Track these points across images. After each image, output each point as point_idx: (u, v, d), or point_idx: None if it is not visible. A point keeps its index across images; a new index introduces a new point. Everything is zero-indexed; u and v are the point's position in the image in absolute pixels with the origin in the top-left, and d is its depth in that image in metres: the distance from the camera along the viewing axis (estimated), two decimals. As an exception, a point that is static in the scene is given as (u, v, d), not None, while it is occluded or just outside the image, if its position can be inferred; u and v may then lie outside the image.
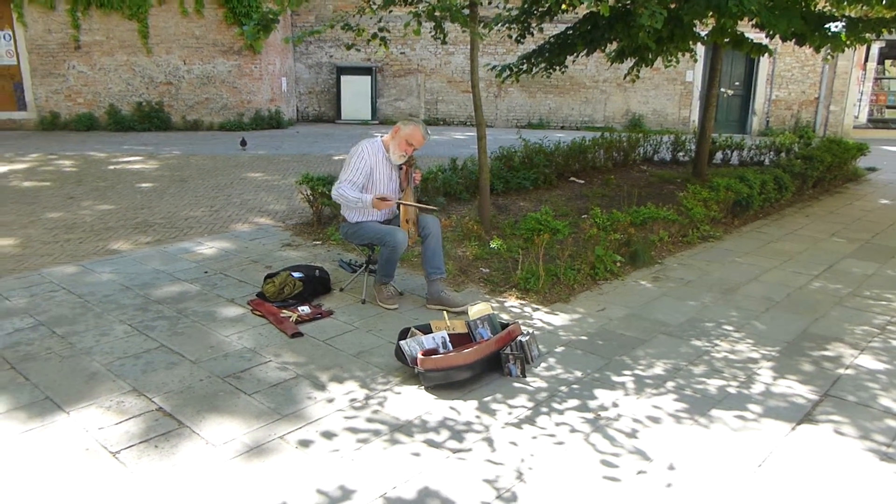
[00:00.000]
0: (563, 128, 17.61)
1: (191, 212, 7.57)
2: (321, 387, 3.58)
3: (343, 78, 17.29)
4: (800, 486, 2.79)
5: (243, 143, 12.31)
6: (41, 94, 15.21)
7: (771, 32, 7.52)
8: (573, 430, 3.19)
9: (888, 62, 17.91)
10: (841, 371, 3.90)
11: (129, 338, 4.14)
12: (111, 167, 10.36)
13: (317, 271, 5.07)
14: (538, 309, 4.77)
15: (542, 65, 8.95)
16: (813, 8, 8.32)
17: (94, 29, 14.97)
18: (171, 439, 3.05)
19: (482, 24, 6.66)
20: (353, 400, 3.45)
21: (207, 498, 2.64)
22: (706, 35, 8.28)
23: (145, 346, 4.03)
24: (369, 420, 3.26)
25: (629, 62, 9.40)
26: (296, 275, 4.88)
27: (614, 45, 8.90)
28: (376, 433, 3.14)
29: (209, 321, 4.43)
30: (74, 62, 15.11)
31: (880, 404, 3.51)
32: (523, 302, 4.89)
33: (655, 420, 3.30)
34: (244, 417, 3.25)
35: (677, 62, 9.33)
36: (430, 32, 6.67)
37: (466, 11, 6.17)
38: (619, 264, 5.57)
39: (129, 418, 3.22)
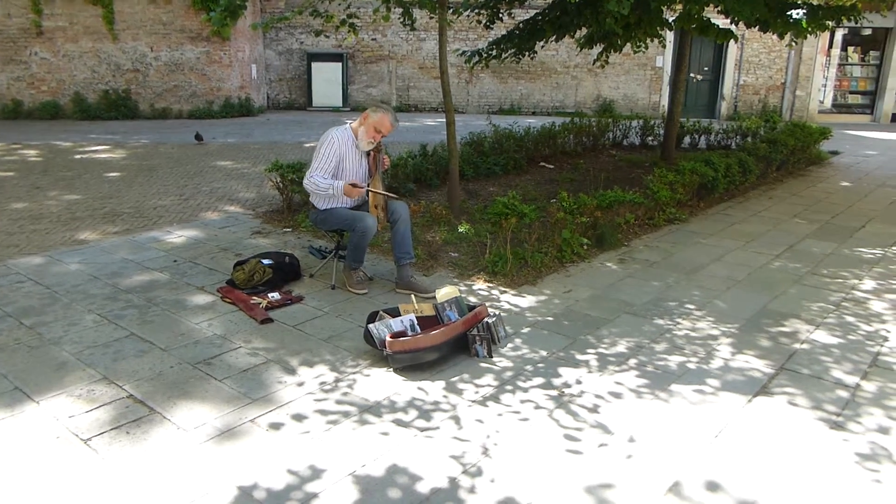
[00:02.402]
0: (534, 113, 17.71)
1: (159, 201, 7.53)
2: (291, 371, 3.63)
3: (314, 65, 17.18)
4: (754, 455, 2.92)
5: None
6: (2, 81, 14.88)
7: (735, 19, 7.66)
8: (537, 407, 3.28)
9: (851, 49, 18.26)
10: (797, 346, 4.04)
11: (98, 327, 4.14)
12: (77, 156, 10.22)
13: (286, 258, 5.09)
14: (506, 291, 4.85)
15: (512, 50, 9.01)
16: (776, -6, 8.47)
17: (56, 14, 14.67)
18: (142, 425, 3.09)
19: (450, 10, 6.69)
20: (322, 383, 3.50)
21: (179, 481, 2.69)
22: (673, 21, 8.40)
23: (115, 334, 4.04)
24: (339, 402, 3.32)
25: (598, 48, 9.50)
26: (265, 262, 4.91)
27: (583, 31, 8.98)
28: (346, 414, 3.20)
29: (179, 309, 4.45)
30: (37, 48, 14.81)
31: (832, 376, 3.66)
32: (491, 285, 4.97)
33: (617, 395, 3.41)
34: (215, 402, 3.29)
35: (646, 48, 9.44)
36: (400, 18, 6.68)
37: (434, -3, 6.19)
38: (585, 247, 5.67)
39: (100, 406, 3.24)
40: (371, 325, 3.79)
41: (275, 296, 4.60)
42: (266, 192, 7.85)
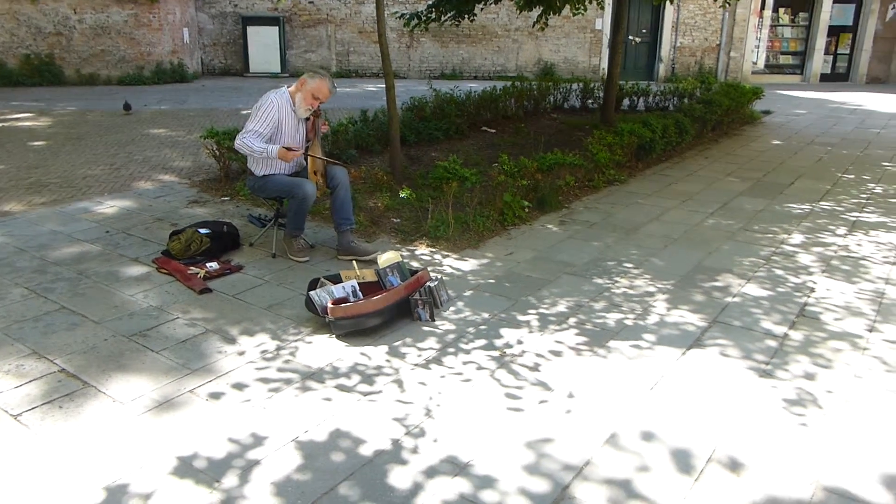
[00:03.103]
0: (476, 78, 17.62)
1: (89, 170, 7.24)
2: (231, 340, 3.57)
3: (249, 29, 16.67)
4: (687, 404, 3.03)
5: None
6: (-87, 47, 13.98)
7: (670, -21, 7.73)
8: (479, 368, 3.32)
9: (781, 10, 18.70)
10: (729, 299, 4.19)
11: (26, 301, 3.98)
12: (-1, 126, 9.73)
13: (225, 227, 4.98)
14: (448, 256, 4.86)
15: (452, 13, 8.91)
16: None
17: (-32, -26, 13.80)
18: (75, 399, 3.00)
19: (386, -30, 6.54)
20: (263, 352, 3.46)
21: (116, 452, 2.63)
22: (610, -18, 8.42)
23: (44, 308, 3.90)
24: (280, 370, 3.29)
25: (538, 10, 9.46)
26: (203, 231, 4.79)
27: (522, -7, 8.93)
28: (287, 382, 3.18)
29: (112, 281, 4.31)
30: (-51, 12, 13.94)
31: (762, 327, 3.81)
32: (433, 250, 4.97)
33: (557, 354, 3.48)
34: (152, 374, 3.22)
35: (585, 10, 9.45)
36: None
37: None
38: (526, 210, 5.72)
39: (31, 381, 3.13)
40: (312, 293, 3.76)
41: (213, 265, 4.50)
42: (202, 160, 7.63)
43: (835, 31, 18.64)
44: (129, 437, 2.74)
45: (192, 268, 4.45)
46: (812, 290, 4.38)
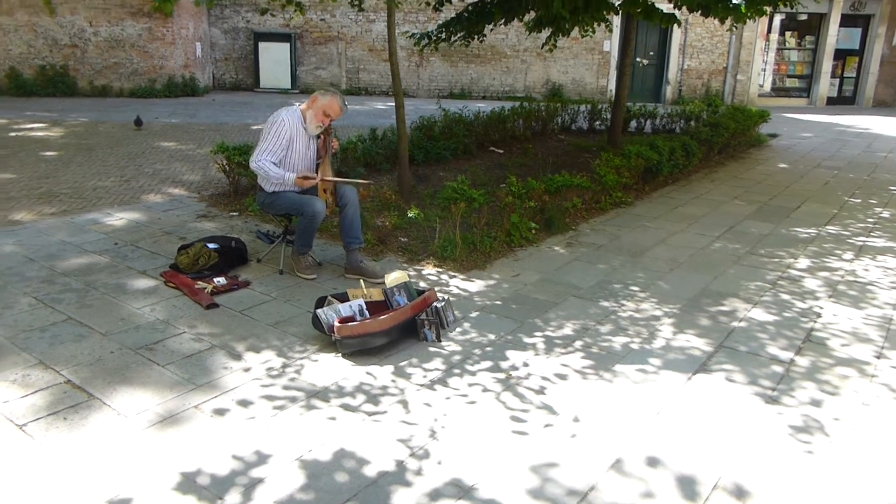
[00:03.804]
0: (484, 97, 17.72)
1: (99, 182, 7.29)
2: (237, 356, 3.58)
3: (261, 44, 16.83)
4: (693, 430, 3.01)
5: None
6: (-70, 57, 14.16)
7: (679, 3, 7.79)
8: (485, 390, 3.32)
9: (788, 33, 18.80)
10: (735, 324, 4.18)
11: (34, 311, 4.00)
12: (12, 134, 9.81)
13: (233, 242, 5.01)
14: (455, 276, 4.87)
15: (461, 33, 8.98)
16: (718, -20, 8.63)
17: (-12, -13, 14.01)
18: (80, 411, 3.01)
19: (398, -9, 6.61)
20: (269, 369, 3.47)
21: (120, 466, 2.63)
22: (619, 5, 8.49)
23: (52, 318, 3.92)
24: (286, 387, 3.29)
25: (547, 32, 9.53)
26: (211, 245, 4.81)
27: (532, 15, 9.00)
28: (293, 400, 3.18)
29: (120, 293, 4.33)
30: (-33, 23, 14.12)
31: (768, 352, 3.80)
32: (440, 270, 4.98)
33: (563, 377, 3.47)
34: (157, 388, 3.23)
35: (593, 32, 9.52)
36: (347, -2, 6.58)
37: (382, -23, 6.11)
38: (533, 231, 5.73)
39: (36, 391, 3.15)
40: (319, 310, 3.77)
41: (221, 280, 4.52)
42: (212, 174, 7.68)
43: (841, 55, 18.71)
44: (132, 452, 2.74)
45: (199, 282, 4.47)
46: (819, 315, 4.37)
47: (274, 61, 16.91)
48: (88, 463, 2.66)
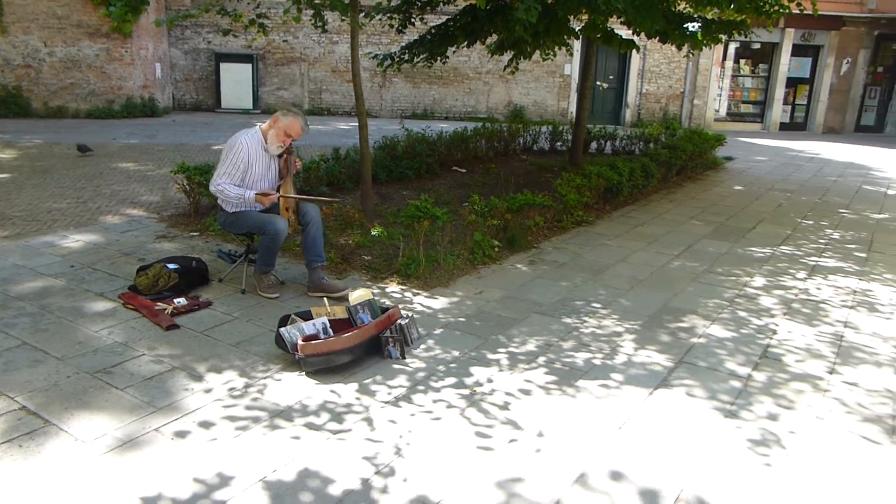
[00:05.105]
0: (447, 118, 17.87)
1: (55, 204, 7.13)
2: (198, 378, 3.52)
3: (223, 65, 16.71)
4: (655, 443, 3.06)
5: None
6: None
7: (637, 30, 8.01)
8: (449, 406, 3.32)
9: (743, 61, 19.45)
10: (694, 340, 4.26)
11: (-15, 336, 3.89)
12: (-38, 157, 9.55)
13: (193, 262, 4.94)
14: (419, 294, 4.88)
15: (424, 55, 9.07)
16: (674, 8, 8.91)
17: (-62, 5, 13.67)
18: (36, 438, 2.92)
19: (363, 14, 6.67)
20: (231, 389, 3.42)
21: (78, 493, 2.56)
22: (580, 30, 8.68)
23: (5, 344, 3.80)
24: (248, 408, 3.25)
25: (509, 54, 9.69)
26: (171, 266, 4.74)
27: (494, 38, 9.15)
28: (256, 420, 3.14)
29: (76, 317, 4.23)
30: (-85, 41, 13.74)
31: (726, 368, 3.88)
32: (404, 287, 4.99)
33: (527, 392, 3.49)
34: (116, 412, 3.15)
35: (554, 55, 9.71)
36: (311, 20, 6.60)
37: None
38: (496, 249, 5.78)
39: (-13, 419, 3.05)
40: (282, 329, 3.74)
41: (181, 301, 4.45)
42: (171, 195, 7.57)
43: (793, 83, 19.44)
44: (90, 478, 2.67)
45: (159, 303, 4.39)
46: (774, 332, 4.48)
47: (235, 82, 16.81)
48: (45, 491, 2.58)
